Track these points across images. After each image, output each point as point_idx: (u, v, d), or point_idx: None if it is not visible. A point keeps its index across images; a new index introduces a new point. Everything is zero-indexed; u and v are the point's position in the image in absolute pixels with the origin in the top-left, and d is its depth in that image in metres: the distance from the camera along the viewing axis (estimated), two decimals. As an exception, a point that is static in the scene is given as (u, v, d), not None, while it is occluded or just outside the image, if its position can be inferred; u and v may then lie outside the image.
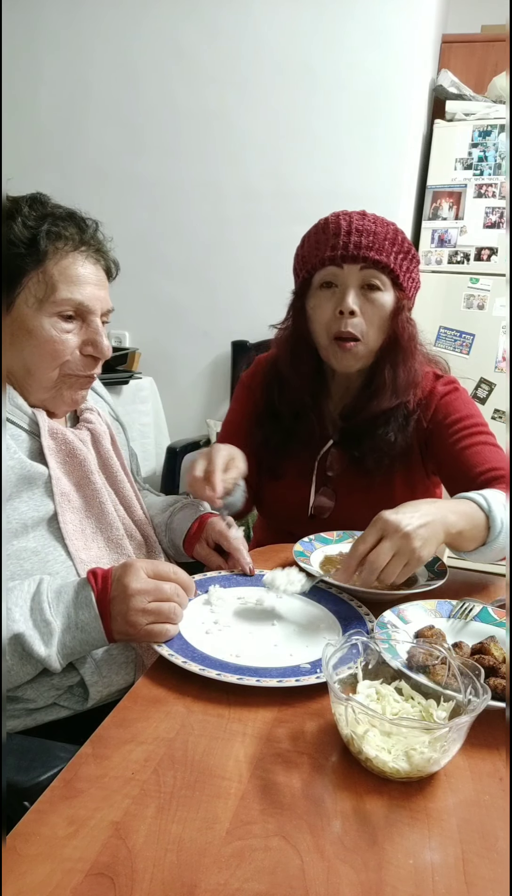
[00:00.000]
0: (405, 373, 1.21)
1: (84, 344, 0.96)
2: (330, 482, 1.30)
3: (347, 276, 1.16)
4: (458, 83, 2.78)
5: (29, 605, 0.81)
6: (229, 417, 1.43)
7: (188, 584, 0.87)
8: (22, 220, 0.92)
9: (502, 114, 2.63)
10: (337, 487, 1.30)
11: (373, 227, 1.16)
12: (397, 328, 1.19)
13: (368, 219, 1.18)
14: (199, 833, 0.57)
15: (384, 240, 1.16)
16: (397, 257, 1.17)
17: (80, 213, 0.99)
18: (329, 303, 1.18)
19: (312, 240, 1.21)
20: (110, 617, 0.81)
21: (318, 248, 1.18)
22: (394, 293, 1.19)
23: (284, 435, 1.30)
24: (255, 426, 1.34)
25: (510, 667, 0.76)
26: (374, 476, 1.25)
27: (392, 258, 1.16)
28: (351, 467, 1.28)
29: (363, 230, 1.15)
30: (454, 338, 2.75)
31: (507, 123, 2.59)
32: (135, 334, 2.99)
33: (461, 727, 0.62)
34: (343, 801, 0.62)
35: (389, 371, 1.20)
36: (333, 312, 1.17)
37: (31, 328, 0.92)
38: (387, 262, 1.15)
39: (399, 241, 1.18)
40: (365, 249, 1.14)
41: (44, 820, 0.58)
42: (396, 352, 1.20)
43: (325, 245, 1.17)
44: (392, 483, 1.27)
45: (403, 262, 1.18)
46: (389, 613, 0.89)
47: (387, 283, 1.17)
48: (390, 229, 1.18)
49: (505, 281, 2.65)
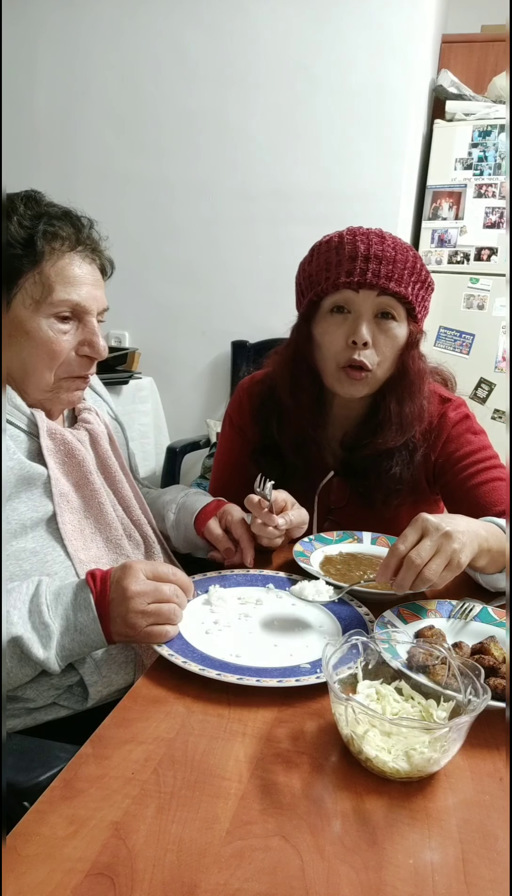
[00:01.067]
0: (411, 408, 1.16)
1: (80, 344, 0.96)
2: (333, 514, 1.26)
3: (362, 302, 1.10)
4: (458, 83, 2.78)
5: (27, 607, 0.81)
6: (222, 458, 1.36)
7: (187, 585, 0.87)
8: (18, 219, 0.91)
9: (502, 114, 2.63)
10: (341, 519, 1.26)
11: (392, 255, 1.09)
12: (407, 361, 1.14)
13: (387, 244, 1.10)
14: (199, 833, 0.57)
15: (404, 269, 1.09)
16: (415, 287, 1.11)
17: (75, 212, 0.99)
18: (340, 329, 1.11)
19: (323, 259, 1.12)
20: (109, 619, 0.81)
21: (329, 270, 1.10)
22: (408, 326, 1.13)
23: (283, 468, 1.22)
24: (249, 462, 1.27)
25: (510, 667, 0.76)
26: (380, 511, 1.20)
27: (411, 290, 1.10)
28: (354, 497, 1.24)
29: (383, 257, 1.08)
30: (454, 338, 2.75)
31: (507, 123, 2.59)
32: (134, 334, 2.99)
33: (461, 727, 0.62)
34: (343, 801, 0.62)
35: (394, 406, 1.15)
36: (344, 341, 1.11)
37: (28, 329, 0.92)
38: (406, 293, 1.09)
39: (418, 270, 1.11)
40: (384, 279, 1.07)
41: (44, 820, 0.58)
42: (404, 386, 1.15)
43: (338, 268, 1.09)
44: (399, 515, 1.22)
45: (420, 292, 1.13)
46: (389, 613, 0.89)
47: (402, 314, 1.12)
48: (409, 256, 1.10)
49: (505, 281, 2.65)
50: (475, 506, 1.14)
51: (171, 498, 1.18)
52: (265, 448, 1.26)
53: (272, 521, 1.02)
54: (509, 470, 1.13)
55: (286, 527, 1.05)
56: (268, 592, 1.01)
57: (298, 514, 1.07)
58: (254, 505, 1.03)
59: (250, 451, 1.28)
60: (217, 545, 1.08)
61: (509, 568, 0.93)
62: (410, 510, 1.21)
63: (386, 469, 1.17)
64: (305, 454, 1.22)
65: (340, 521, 1.26)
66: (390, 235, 1.13)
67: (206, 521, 1.08)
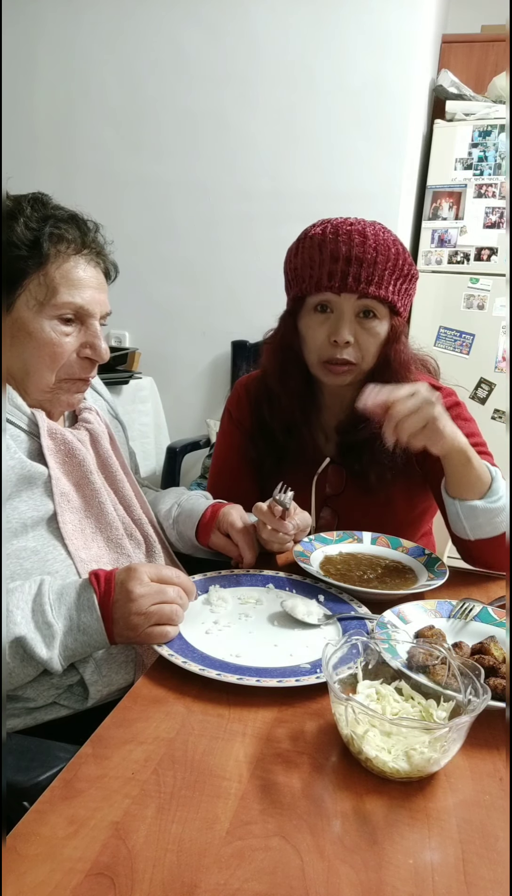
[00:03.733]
0: None
1: (82, 347, 0.96)
2: (331, 502, 1.28)
3: (344, 303, 1.13)
4: (458, 83, 2.78)
5: (30, 606, 0.81)
6: (220, 452, 1.38)
7: (190, 587, 0.88)
8: (24, 220, 0.92)
9: (502, 114, 2.63)
10: (338, 506, 1.28)
11: (373, 256, 1.10)
12: (390, 354, 1.18)
13: (369, 244, 1.11)
14: (199, 833, 0.57)
15: (384, 270, 1.11)
16: (397, 285, 1.14)
17: (81, 216, 0.99)
18: (323, 327, 1.15)
19: (307, 255, 1.15)
20: (112, 620, 0.81)
21: (312, 269, 1.13)
22: (390, 321, 1.16)
23: (277, 454, 1.27)
24: (248, 450, 1.31)
25: (510, 667, 0.76)
26: (375, 492, 1.22)
27: (391, 289, 1.13)
28: (350, 485, 1.26)
29: (364, 259, 1.10)
30: (454, 338, 2.75)
31: (507, 123, 2.59)
32: (135, 334, 2.99)
33: (461, 727, 0.62)
34: (343, 801, 0.62)
35: None
36: (326, 338, 1.15)
37: (30, 330, 0.92)
38: (385, 294, 1.12)
39: (400, 266, 1.13)
40: (364, 284, 1.10)
41: (44, 820, 0.58)
42: (389, 375, 1.17)
43: (321, 269, 1.12)
44: (392, 499, 1.24)
45: (402, 286, 1.15)
46: (389, 613, 0.89)
47: (384, 312, 1.15)
48: (391, 254, 1.12)
49: (505, 281, 2.65)
50: None
51: (166, 511, 1.17)
52: (261, 434, 1.29)
53: (284, 528, 1.04)
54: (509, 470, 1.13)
55: (295, 531, 1.07)
56: (268, 592, 1.01)
57: (303, 517, 1.09)
58: (264, 513, 1.04)
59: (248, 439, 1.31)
60: (227, 554, 1.09)
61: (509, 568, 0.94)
62: (403, 495, 1.25)
63: (379, 447, 1.19)
64: (298, 439, 1.26)
65: (337, 508, 1.28)
66: (373, 231, 1.13)
67: (208, 535, 1.10)
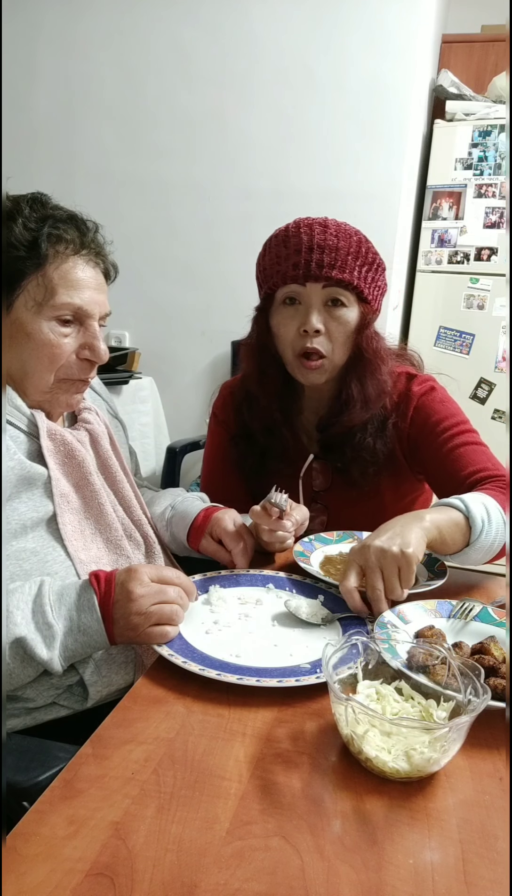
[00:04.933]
0: (373, 385, 1.20)
1: (81, 348, 0.96)
2: (319, 498, 1.29)
3: (310, 294, 1.14)
4: (458, 83, 2.78)
5: (31, 607, 0.81)
6: (209, 453, 1.40)
7: (190, 587, 0.88)
8: (23, 221, 0.92)
9: (502, 114, 2.63)
10: (327, 502, 1.29)
11: (335, 242, 1.13)
12: (362, 343, 1.18)
13: (330, 231, 1.14)
14: (199, 833, 0.57)
15: (348, 255, 1.13)
16: (361, 271, 1.15)
17: (80, 216, 0.99)
18: (293, 320, 1.16)
19: (273, 252, 1.18)
20: (112, 620, 0.81)
21: (279, 264, 1.16)
22: (358, 308, 1.17)
23: (259, 454, 1.28)
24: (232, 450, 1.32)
25: (510, 667, 0.76)
26: (360, 485, 1.23)
27: (356, 273, 1.14)
28: (337, 480, 1.27)
29: (326, 246, 1.12)
30: (454, 338, 2.75)
31: (507, 123, 2.59)
32: (135, 334, 2.99)
33: (461, 727, 0.62)
34: (343, 801, 0.62)
35: (356, 385, 1.20)
36: (296, 330, 1.16)
37: (29, 331, 0.92)
38: (350, 279, 1.13)
39: (363, 253, 1.15)
40: (327, 268, 1.12)
41: (44, 820, 0.58)
42: (362, 366, 1.19)
43: (286, 262, 1.14)
44: (380, 490, 1.25)
45: (368, 275, 1.17)
46: (389, 613, 0.89)
47: (351, 299, 1.16)
48: (353, 242, 1.14)
49: (505, 281, 2.65)
50: (448, 471, 1.18)
51: (160, 513, 1.17)
52: (245, 435, 1.30)
53: (283, 528, 1.05)
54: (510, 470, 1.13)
55: (294, 528, 1.07)
56: (268, 592, 1.01)
57: (301, 512, 1.10)
58: (260, 515, 1.05)
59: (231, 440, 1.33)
60: (218, 560, 1.09)
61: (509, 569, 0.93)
62: (390, 486, 1.26)
63: (359, 441, 1.21)
64: (281, 439, 1.27)
65: (326, 503, 1.29)
66: (335, 223, 1.17)
67: (199, 539, 1.10)
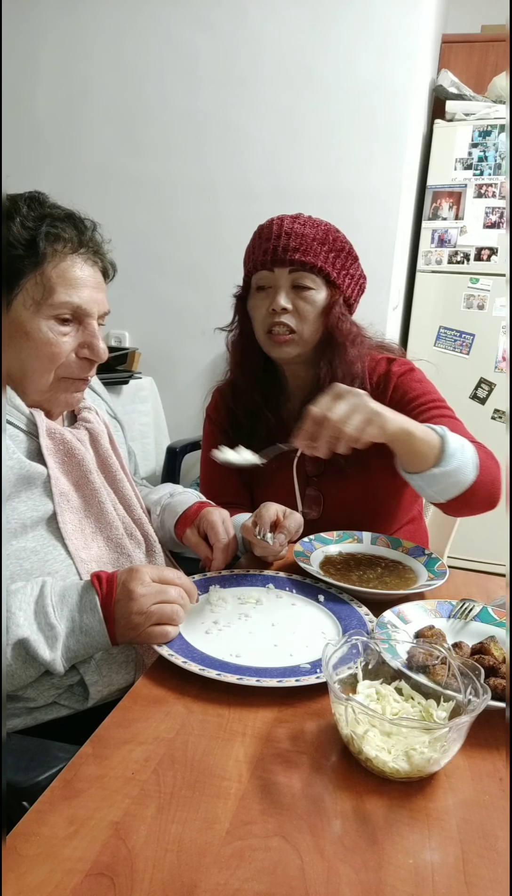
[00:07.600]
0: (342, 367, 1.25)
1: (80, 346, 0.96)
2: (313, 482, 1.32)
3: (278, 278, 1.22)
4: (458, 83, 2.78)
5: (33, 608, 0.81)
6: (206, 455, 1.42)
7: (191, 588, 0.88)
8: (21, 220, 0.91)
9: (502, 114, 2.63)
10: (321, 485, 1.32)
11: (302, 230, 1.21)
12: (330, 323, 1.23)
13: (298, 221, 1.23)
14: (199, 833, 0.57)
15: (313, 240, 1.20)
16: (328, 256, 1.22)
17: (78, 214, 0.99)
18: (263, 303, 1.24)
19: (251, 244, 1.27)
20: (114, 620, 0.81)
21: (254, 253, 1.25)
22: (326, 291, 1.23)
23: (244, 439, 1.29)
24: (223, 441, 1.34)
25: (510, 667, 0.76)
26: (351, 466, 1.26)
27: (321, 258, 1.21)
28: (328, 464, 1.28)
29: (292, 233, 1.20)
30: (454, 338, 2.75)
31: (507, 123, 2.59)
32: (135, 334, 2.99)
33: (461, 727, 0.62)
34: (343, 801, 0.62)
35: (326, 366, 1.25)
36: (266, 311, 1.23)
37: (28, 330, 0.92)
38: (314, 262, 1.20)
39: (330, 241, 1.22)
40: (292, 252, 1.20)
41: (44, 820, 0.58)
42: (333, 347, 1.25)
43: (258, 250, 1.24)
44: (370, 470, 1.27)
45: (336, 261, 1.23)
46: (389, 613, 0.89)
47: (318, 282, 1.22)
48: (320, 230, 1.22)
49: (505, 281, 2.65)
50: None
51: (157, 498, 1.19)
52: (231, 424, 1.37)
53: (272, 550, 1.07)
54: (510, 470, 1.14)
55: (283, 548, 1.09)
56: (268, 592, 1.01)
57: (294, 521, 1.10)
58: (250, 531, 1.07)
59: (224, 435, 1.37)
60: (196, 552, 1.10)
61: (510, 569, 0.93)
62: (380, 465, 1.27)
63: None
64: (264, 424, 1.32)
65: (320, 489, 1.32)
66: (308, 216, 1.26)
67: (185, 529, 1.11)
